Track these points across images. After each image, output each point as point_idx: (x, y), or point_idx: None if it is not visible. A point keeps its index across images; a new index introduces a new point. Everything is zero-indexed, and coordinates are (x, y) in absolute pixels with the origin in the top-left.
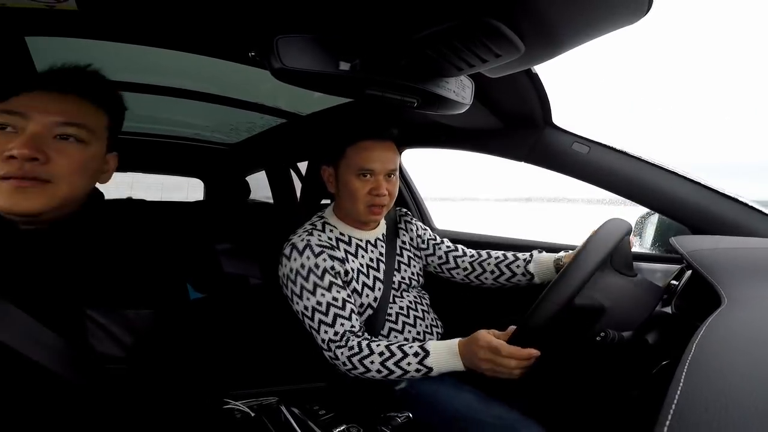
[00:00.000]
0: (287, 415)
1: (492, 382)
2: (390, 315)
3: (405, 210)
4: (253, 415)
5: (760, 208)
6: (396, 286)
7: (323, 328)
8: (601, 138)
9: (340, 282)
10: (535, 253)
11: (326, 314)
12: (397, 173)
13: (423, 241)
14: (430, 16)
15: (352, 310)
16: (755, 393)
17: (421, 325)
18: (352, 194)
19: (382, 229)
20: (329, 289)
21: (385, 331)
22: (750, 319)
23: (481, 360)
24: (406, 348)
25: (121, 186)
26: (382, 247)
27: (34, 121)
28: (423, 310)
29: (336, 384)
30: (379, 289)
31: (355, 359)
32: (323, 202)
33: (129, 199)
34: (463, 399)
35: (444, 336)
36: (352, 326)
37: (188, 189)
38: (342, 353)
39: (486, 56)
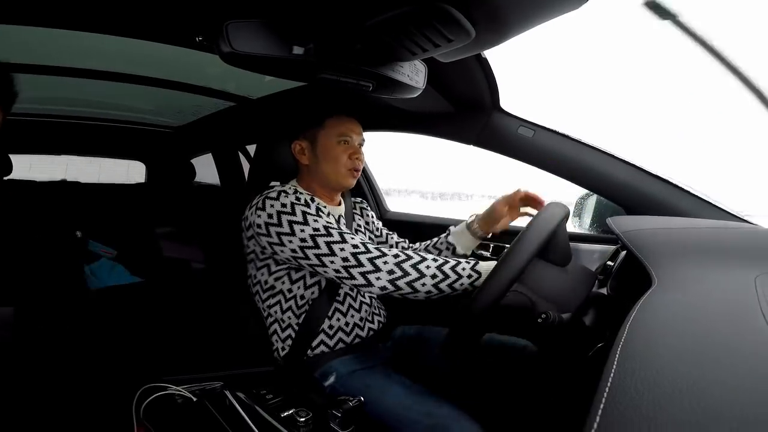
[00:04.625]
0: (232, 399)
1: (421, 373)
2: (339, 295)
3: (360, 199)
4: (195, 400)
5: (690, 190)
6: None
7: (337, 246)
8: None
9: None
10: (451, 227)
11: (330, 235)
12: None
13: (377, 229)
14: (385, 1)
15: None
16: (679, 373)
17: (366, 311)
18: (335, 158)
19: (342, 209)
20: (318, 216)
21: (330, 312)
22: (678, 299)
23: None
24: (450, 262)
25: None
26: (344, 225)
27: None
28: (370, 296)
29: (284, 368)
30: None
31: (406, 265)
32: (272, 184)
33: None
34: (392, 395)
35: (384, 324)
36: (362, 240)
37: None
38: (385, 261)
39: (438, 41)
